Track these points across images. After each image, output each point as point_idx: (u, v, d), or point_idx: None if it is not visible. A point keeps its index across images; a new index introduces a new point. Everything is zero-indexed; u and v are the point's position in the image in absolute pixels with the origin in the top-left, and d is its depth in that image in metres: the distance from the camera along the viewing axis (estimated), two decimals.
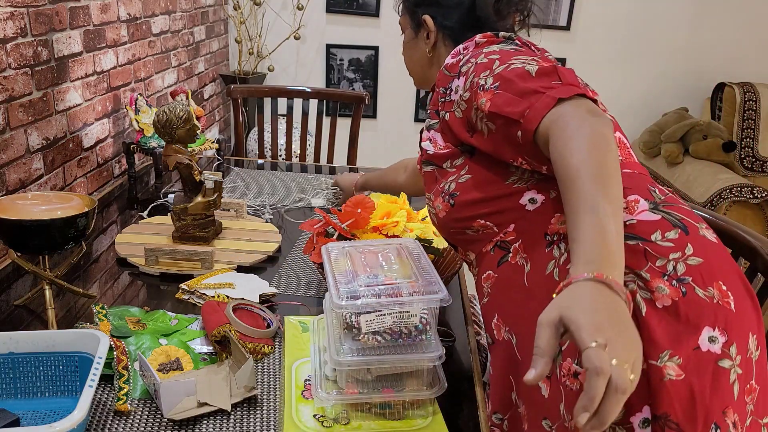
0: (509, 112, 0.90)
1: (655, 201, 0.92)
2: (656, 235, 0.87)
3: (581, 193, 0.78)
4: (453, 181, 1.05)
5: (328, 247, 1.09)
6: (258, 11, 3.24)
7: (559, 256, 0.93)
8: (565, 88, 0.88)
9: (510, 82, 0.92)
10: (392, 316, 0.94)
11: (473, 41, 1.07)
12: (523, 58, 0.96)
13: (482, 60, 0.99)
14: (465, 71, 1.01)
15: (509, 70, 0.94)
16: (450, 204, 1.05)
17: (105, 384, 1.01)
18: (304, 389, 1.01)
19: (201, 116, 2.06)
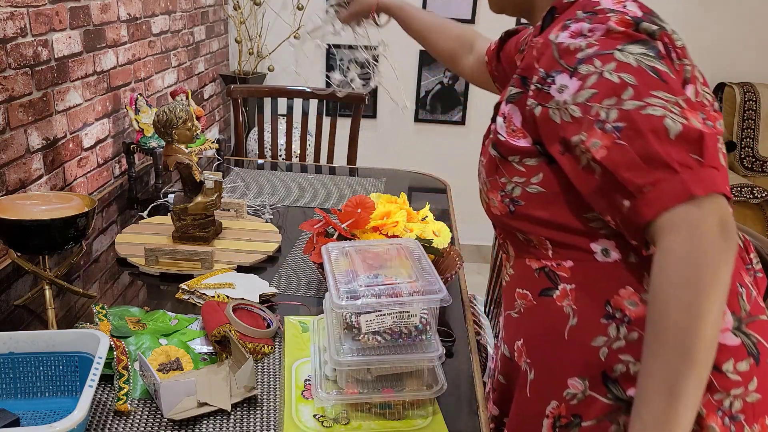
0: (626, 179, 0.73)
1: (741, 316, 0.84)
2: (728, 365, 0.81)
3: (664, 361, 0.70)
4: (519, 185, 0.89)
5: (328, 247, 1.09)
6: (258, 11, 3.24)
7: (614, 337, 0.84)
8: (704, 174, 0.70)
9: (639, 136, 0.72)
10: (392, 316, 0.94)
11: (605, 25, 0.79)
12: (666, 99, 0.74)
13: (610, 76, 0.76)
14: (583, 74, 0.78)
15: (644, 115, 0.73)
16: (509, 209, 0.91)
17: (105, 384, 1.01)
18: (304, 389, 1.01)
19: (201, 116, 2.06)
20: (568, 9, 0.87)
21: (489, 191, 0.95)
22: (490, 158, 0.93)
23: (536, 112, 0.84)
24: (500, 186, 0.92)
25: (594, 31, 0.80)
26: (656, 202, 0.71)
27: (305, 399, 0.99)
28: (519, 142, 0.88)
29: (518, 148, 0.88)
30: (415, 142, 3.57)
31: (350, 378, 0.96)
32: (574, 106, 0.78)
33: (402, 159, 3.44)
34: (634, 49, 0.76)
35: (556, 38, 0.82)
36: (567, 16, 0.85)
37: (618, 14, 0.80)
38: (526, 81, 0.87)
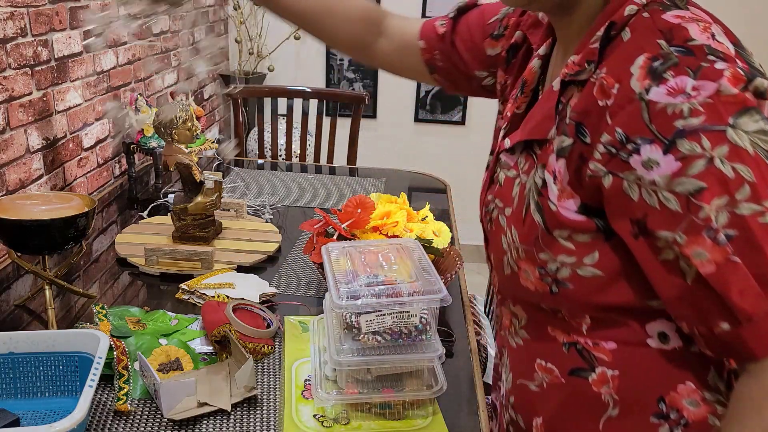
0: (735, 303, 0.61)
1: None
2: None
3: None
4: (567, 265, 0.72)
5: (328, 247, 1.09)
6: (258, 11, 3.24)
7: None
8: None
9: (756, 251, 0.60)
10: (392, 316, 0.94)
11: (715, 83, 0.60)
12: None
13: (722, 166, 0.59)
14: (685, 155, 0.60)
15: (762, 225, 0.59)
16: (549, 290, 0.74)
17: (105, 384, 1.01)
18: (304, 389, 1.01)
19: (201, 116, 2.06)
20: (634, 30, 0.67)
21: (521, 260, 0.76)
22: (531, 224, 0.73)
23: (605, 183, 0.66)
24: (539, 262, 0.73)
25: (699, 91, 0.60)
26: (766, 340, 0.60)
27: (305, 399, 0.99)
28: (569, 209, 0.70)
29: (569, 221, 0.70)
30: (415, 142, 3.56)
31: (350, 378, 0.96)
32: (670, 194, 0.61)
33: (402, 159, 3.44)
34: (748, 125, 0.60)
35: (646, 92, 0.62)
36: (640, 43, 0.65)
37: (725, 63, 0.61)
38: (582, 131, 0.67)
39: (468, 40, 1.00)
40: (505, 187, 0.80)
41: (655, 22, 0.66)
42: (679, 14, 0.65)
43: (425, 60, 1.05)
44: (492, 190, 0.83)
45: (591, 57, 0.69)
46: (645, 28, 0.66)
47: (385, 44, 1.08)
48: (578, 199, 0.69)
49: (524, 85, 0.85)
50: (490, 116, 3.36)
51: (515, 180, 0.78)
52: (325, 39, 1.13)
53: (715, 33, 0.64)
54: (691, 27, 0.64)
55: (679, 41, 0.63)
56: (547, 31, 0.85)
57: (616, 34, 0.68)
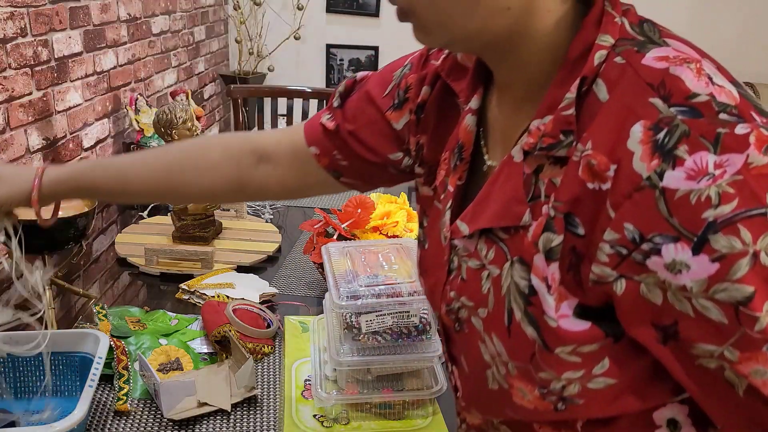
0: None
1: None
2: None
3: None
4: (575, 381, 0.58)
5: (328, 247, 1.09)
6: (258, 11, 3.24)
7: None
8: None
9: None
10: (392, 316, 0.94)
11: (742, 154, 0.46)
12: None
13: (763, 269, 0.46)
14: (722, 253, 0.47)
15: None
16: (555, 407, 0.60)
17: (105, 384, 1.01)
18: (304, 389, 1.01)
19: (201, 116, 2.06)
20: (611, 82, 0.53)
21: (513, 377, 0.61)
22: (522, 338, 0.59)
23: (617, 289, 0.52)
24: (540, 382, 0.60)
25: (725, 168, 0.47)
26: None
27: (305, 399, 0.99)
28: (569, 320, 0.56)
29: (573, 335, 0.56)
30: None
31: (350, 378, 0.96)
32: (708, 303, 0.48)
33: None
34: None
35: (659, 177, 0.48)
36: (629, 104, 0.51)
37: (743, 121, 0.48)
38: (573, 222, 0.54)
39: (366, 123, 0.81)
40: (470, 282, 0.64)
41: (637, 71, 0.52)
42: (661, 55, 0.53)
43: (326, 166, 0.83)
44: (453, 283, 0.67)
45: (566, 126, 0.54)
46: (628, 82, 0.52)
47: (270, 170, 0.87)
48: (573, 301, 0.56)
49: (462, 150, 0.68)
50: None
51: (482, 272, 0.63)
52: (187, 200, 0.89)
53: (711, 75, 0.52)
54: (684, 74, 0.51)
55: (678, 98, 0.50)
56: (476, 78, 0.68)
57: (587, 89, 0.54)
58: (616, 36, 0.54)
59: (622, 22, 0.55)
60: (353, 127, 0.81)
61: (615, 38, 0.54)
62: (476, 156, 0.69)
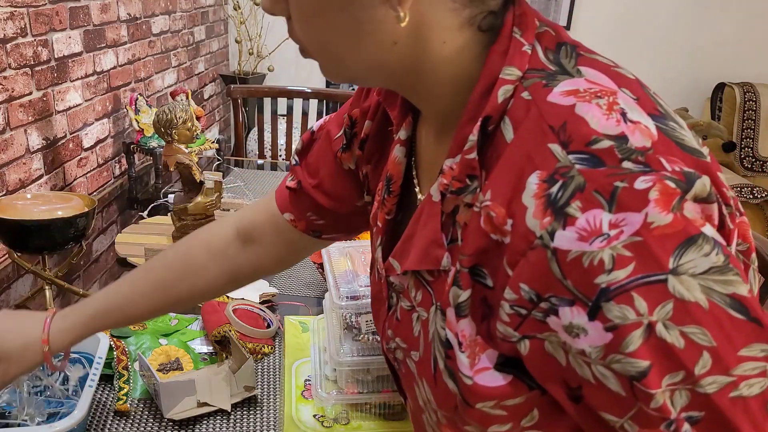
0: None
1: None
2: None
3: None
4: None
5: (328, 248, 1.09)
6: (258, 11, 3.24)
7: None
8: None
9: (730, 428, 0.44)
10: None
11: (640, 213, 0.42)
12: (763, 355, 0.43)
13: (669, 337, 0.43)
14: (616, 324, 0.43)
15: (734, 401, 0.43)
16: None
17: (105, 384, 1.01)
18: (304, 389, 1.01)
19: (201, 116, 2.06)
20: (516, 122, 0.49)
21: (443, 426, 0.60)
22: (446, 390, 0.57)
23: (521, 348, 0.50)
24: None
25: (622, 227, 0.42)
26: None
27: (305, 399, 0.99)
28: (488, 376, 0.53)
29: (492, 391, 0.53)
30: None
31: (350, 378, 0.96)
32: (607, 371, 0.45)
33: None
34: (697, 263, 0.42)
35: (551, 237, 0.44)
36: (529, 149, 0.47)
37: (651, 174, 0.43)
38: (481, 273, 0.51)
39: (328, 173, 0.78)
40: (403, 323, 0.62)
41: (540, 110, 0.47)
42: (569, 89, 0.48)
43: (304, 230, 0.81)
44: (390, 321, 0.65)
45: (470, 171, 0.51)
46: (531, 124, 0.48)
47: (258, 249, 0.85)
48: (494, 352, 0.52)
49: (390, 182, 0.65)
50: None
51: (412, 314, 0.61)
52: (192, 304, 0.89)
53: (626, 109, 0.46)
54: (591, 113, 0.45)
55: (578, 144, 0.45)
56: (404, 107, 0.64)
57: (494, 128, 0.50)
58: (524, 67, 0.50)
59: (534, 49, 0.51)
60: (316, 181, 0.78)
61: (522, 70, 0.50)
62: (410, 188, 0.66)
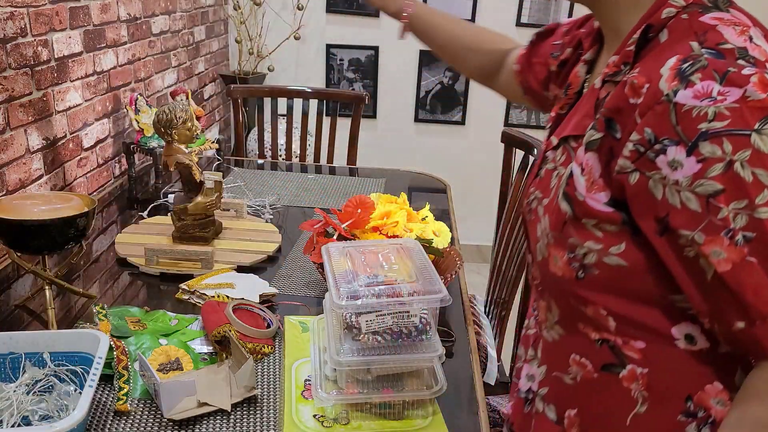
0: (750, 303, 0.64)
1: None
2: None
3: None
4: (594, 252, 0.74)
5: (328, 247, 1.09)
6: (258, 11, 3.24)
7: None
8: None
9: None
10: (392, 316, 0.94)
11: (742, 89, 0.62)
12: None
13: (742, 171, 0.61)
14: (706, 157, 0.63)
15: None
16: (576, 275, 0.77)
17: (105, 384, 1.01)
18: (304, 389, 1.01)
19: (201, 116, 2.06)
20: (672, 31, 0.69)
21: (551, 245, 0.79)
22: (559, 211, 0.77)
23: (631, 179, 0.68)
24: (568, 247, 0.76)
25: (726, 96, 0.62)
26: None
27: (305, 399, 0.99)
28: (598, 201, 0.73)
29: (596, 212, 0.73)
30: (415, 142, 3.56)
31: (350, 378, 0.96)
32: (690, 194, 0.64)
33: (402, 159, 3.44)
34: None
35: (674, 94, 0.63)
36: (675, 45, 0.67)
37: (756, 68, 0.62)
38: (613, 126, 0.70)
39: (542, 62, 1.06)
40: (545, 179, 0.84)
41: (692, 24, 0.67)
42: (717, 16, 0.67)
43: (519, 82, 1.14)
44: (535, 182, 0.88)
45: (627, 59, 0.73)
46: (682, 30, 0.68)
47: (502, 74, 1.19)
48: (609, 193, 0.72)
49: (568, 88, 0.89)
50: (489, 116, 3.36)
51: (554, 172, 0.82)
52: (456, 67, 1.28)
53: (753, 36, 0.65)
54: (727, 30, 0.65)
55: (711, 44, 0.64)
56: (596, 38, 0.87)
57: (653, 36, 0.70)
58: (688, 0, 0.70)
59: None
60: (536, 60, 1.08)
61: (687, 2, 0.70)
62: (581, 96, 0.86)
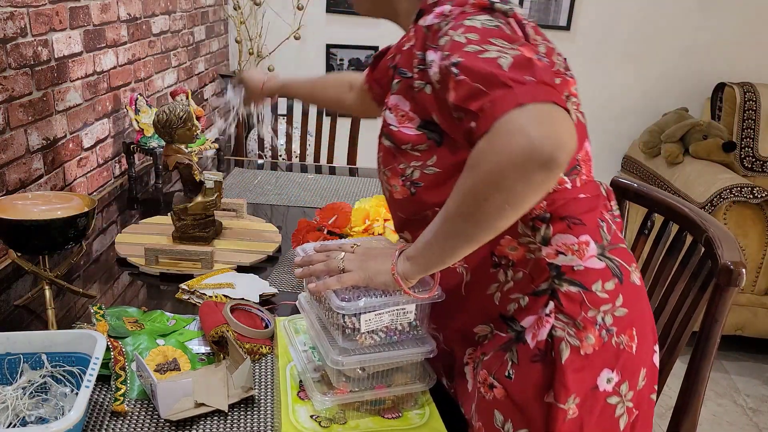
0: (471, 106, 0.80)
1: (603, 244, 0.93)
2: (597, 285, 0.91)
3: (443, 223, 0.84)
4: (417, 168, 0.95)
5: (304, 248, 1.07)
6: (258, 11, 3.24)
7: (504, 282, 0.95)
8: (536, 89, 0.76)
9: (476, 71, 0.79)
10: (390, 314, 0.94)
11: (462, 7, 0.89)
12: (502, 45, 0.81)
13: (458, 38, 0.83)
14: (441, 45, 0.86)
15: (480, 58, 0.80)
16: (410, 192, 0.97)
17: (102, 384, 1.01)
18: (299, 390, 1.01)
19: (201, 116, 2.07)
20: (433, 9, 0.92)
21: (390, 179, 1.00)
22: (386, 149, 0.99)
23: (427, 90, 0.90)
24: (400, 172, 0.97)
25: (453, 11, 0.89)
26: (490, 115, 0.75)
27: (301, 400, 0.99)
28: (409, 130, 0.95)
29: (409, 137, 0.94)
30: None
31: (344, 377, 0.96)
32: (436, 73, 0.85)
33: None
34: (482, 17, 0.86)
35: (425, 22, 0.92)
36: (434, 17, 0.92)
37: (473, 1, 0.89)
38: (404, 73, 0.95)
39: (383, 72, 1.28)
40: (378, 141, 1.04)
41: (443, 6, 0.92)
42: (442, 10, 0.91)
43: (371, 98, 1.37)
44: None
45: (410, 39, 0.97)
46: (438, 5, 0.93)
47: (353, 96, 1.47)
48: (417, 120, 0.94)
49: None
50: None
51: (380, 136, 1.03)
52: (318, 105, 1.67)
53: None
54: None
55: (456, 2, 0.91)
56: None
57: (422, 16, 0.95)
58: None
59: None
60: (377, 75, 1.32)
61: None
62: None
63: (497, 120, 0.74)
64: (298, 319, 1.18)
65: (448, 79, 0.82)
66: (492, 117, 0.75)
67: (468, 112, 0.79)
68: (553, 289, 0.91)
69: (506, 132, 0.73)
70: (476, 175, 0.76)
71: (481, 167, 0.75)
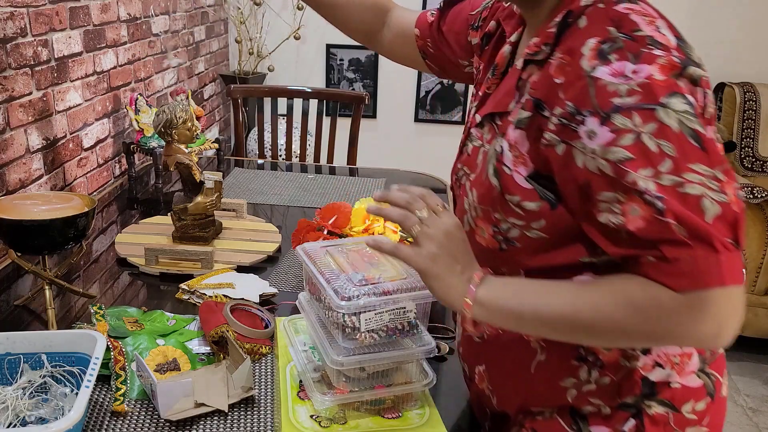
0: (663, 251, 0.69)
1: (705, 357, 0.85)
2: (687, 406, 0.84)
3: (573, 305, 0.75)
4: (517, 227, 0.81)
5: (304, 247, 1.07)
6: (258, 11, 3.24)
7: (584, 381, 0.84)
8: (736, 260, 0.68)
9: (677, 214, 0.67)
10: (390, 313, 0.94)
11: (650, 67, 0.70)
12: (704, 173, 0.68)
13: (649, 141, 0.68)
14: (618, 128, 0.69)
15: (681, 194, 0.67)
16: (500, 247, 0.84)
17: (102, 384, 1.01)
18: (299, 390, 1.01)
19: (201, 116, 2.07)
20: (590, 17, 0.75)
21: (478, 218, 0.86)
22: (489, 186, 0.83)
23: (558, 150, 0.74)
24: (493, 221, 0.84)
25: (637, 74, 0.69)
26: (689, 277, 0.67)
27: (301, 400, 0.99)
28: (520, 174, 0.79)
29: (518, 189, 0.79)
30: (415, 142, 3.56)
31: (344, 377, 0.96)
32: (604, 162, 0.70)
33: (402, 159, 3.44)
34: (677, 105, 0.68)
35: (593, 71, 0.71)
36: (593, 29, 0.74)
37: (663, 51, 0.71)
38: (541, 106, 0.76)
39: (454, 30, 1.11)
40: (471, 156, 0.91)
41: (608, 12, 0.75)
42: (629, 7, 0.75)
43: (419, 47, 1.18)
44: (461, 159, 0.94)
45: (547, 40, 0.78)
46: (599, 17, 0.75)
47: (388, 34, 1.23)
48: (531, 167, 0.78)
49: (495, 68, 0.93)
50: None
51: (480, 149, 0.88)
52: (340, 27, 1.26)
53: (660, 26, 0.74)
54: (639, 19, 0.73)
55: (626, 30, 0.72)
56: (520, 20, 0.93)
57: (572, 21, 0.77)
58: None
59: None
60: (444, 28, 1.13)
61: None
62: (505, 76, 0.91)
63: (697, 291, 0.67)
64: (298, 319, 1.18)
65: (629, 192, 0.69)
66: (692, 282, 0.67)
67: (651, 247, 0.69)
68: (640, 408, 0.82)
69: (700, 310, 0.67)
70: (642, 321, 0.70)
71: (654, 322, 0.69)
